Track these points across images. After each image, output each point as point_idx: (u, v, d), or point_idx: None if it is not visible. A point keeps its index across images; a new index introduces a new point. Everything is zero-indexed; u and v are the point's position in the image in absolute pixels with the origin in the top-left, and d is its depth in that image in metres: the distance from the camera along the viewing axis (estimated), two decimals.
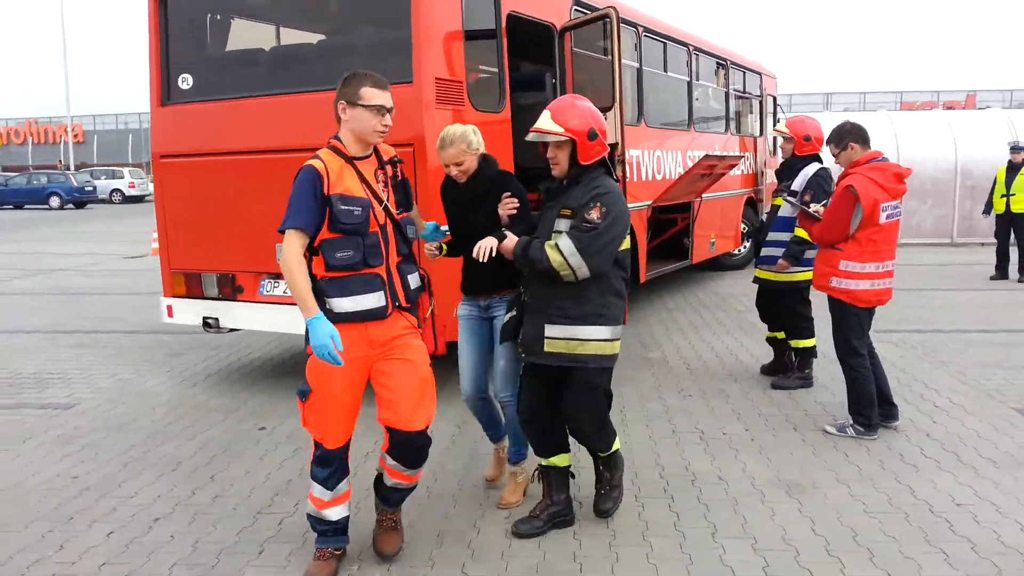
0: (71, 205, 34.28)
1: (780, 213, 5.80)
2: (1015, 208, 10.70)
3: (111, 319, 8.83)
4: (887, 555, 3.32)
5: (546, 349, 3.40)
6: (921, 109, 39.50)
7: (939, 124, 16.06)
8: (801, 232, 5.33)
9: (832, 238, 4.66)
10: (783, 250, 5.56)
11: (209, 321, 6.11)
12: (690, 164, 8.65)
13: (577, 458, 3.83)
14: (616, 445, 3.68)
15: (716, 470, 4.28)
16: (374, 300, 3.08)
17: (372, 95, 3.06)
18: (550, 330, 3.38)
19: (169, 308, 6.31)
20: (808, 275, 5.38)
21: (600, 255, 3.28)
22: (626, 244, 3.44)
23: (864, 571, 3.21)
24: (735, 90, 11.03)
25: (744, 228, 11.28)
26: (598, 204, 3.28)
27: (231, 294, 6.06)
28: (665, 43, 8.87)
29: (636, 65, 8.08)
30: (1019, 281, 10.44)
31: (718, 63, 10.50)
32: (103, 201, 36.57)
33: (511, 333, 3.56)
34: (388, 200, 3.20)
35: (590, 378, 3.45)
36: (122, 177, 38.26)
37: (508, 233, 3.40)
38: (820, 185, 5.44)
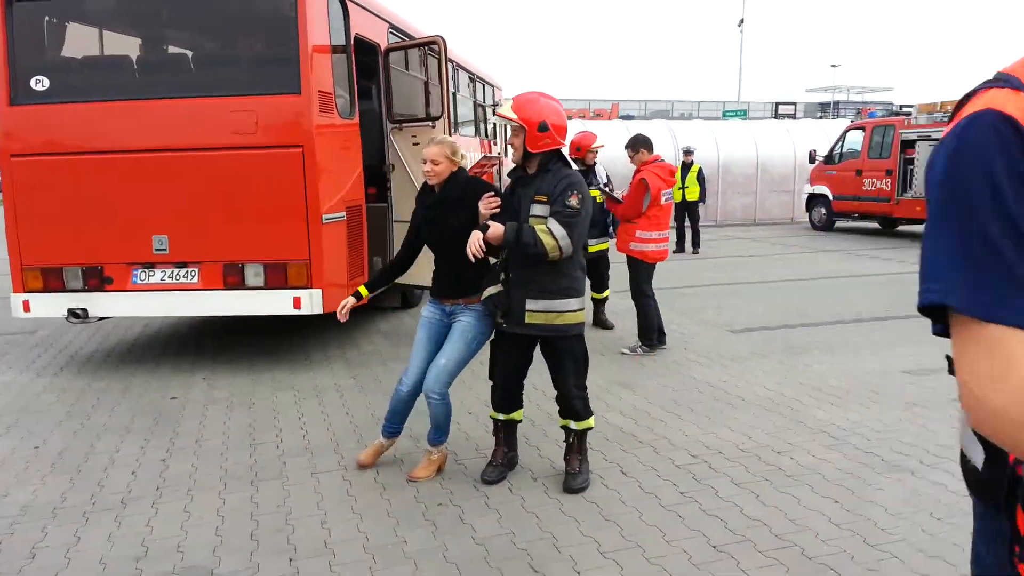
0: None
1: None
2: (689, 198, 13.97)
3: None
4: (703, 414, 5.27)
5: (527, 320, 3.82)
6: (576, 116, 45.66)
7: (704, 130, 19.86)
8: None
9: (631, 215, 6.61)
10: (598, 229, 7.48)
11: (77, 312, 6.47)
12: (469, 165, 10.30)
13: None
14: (591, 420, 4.08)
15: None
16: None
17: None
18: (531, 304, 3.80)
19: (26, 303, 6.50)
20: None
21: (581, 236, 3.80)
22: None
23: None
24: (478, 100, 12.91)
25: None
26: (575, 192, 3.73)
27: (98, 285, 6.48)
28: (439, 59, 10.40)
29: (424, 79, 9.53)
30: (694, 253, 13.85)
31: (470, 76, 12.28)
32: None
33: (493, 306, 3.93)
34: None
35: (571, 344, 3.91)
36: None
37: (490, 223, 3.74)
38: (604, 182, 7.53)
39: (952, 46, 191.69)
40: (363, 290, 4.36)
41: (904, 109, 19.00)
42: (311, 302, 6.31)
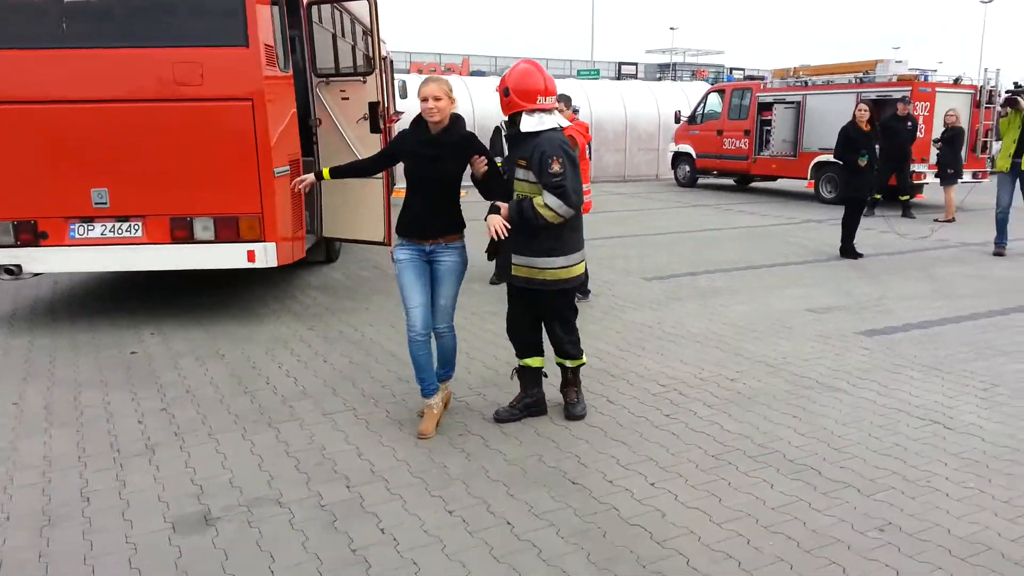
0: None
1: None
2: None
3: None
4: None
5: (513, 273, 4.23)
6: (427, 69, 45.49)
7: (611, 91, 20.31)
8: None
9: None
10: None
11: (11, 268, 6.20)
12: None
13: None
14: (583, 357, 4.50)
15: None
16: None
17: None
18: (516, 259, 4.19)
19: None
20: None
21: (576, 194, 4.01)
22: None
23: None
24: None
25: None
26: (553, 158, 3.91)
27: (32, 240, 6.23)
28: (342, 12, 10.33)
29: (333, 32, 9.48)
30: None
31: (363, 30, 12.20)
32: None
33: (489, 255, 4.69)
34: None
35: (551, 298, 4.26)
36: None
37: (499, 204, 4.06)
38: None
39: (775, 14, 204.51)
40: (326, 173, 4.44)
41: (749, 73, 20.58)
42: (265, 255, 6.37)
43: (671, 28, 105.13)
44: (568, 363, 4.46)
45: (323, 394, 4.89)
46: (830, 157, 15.00)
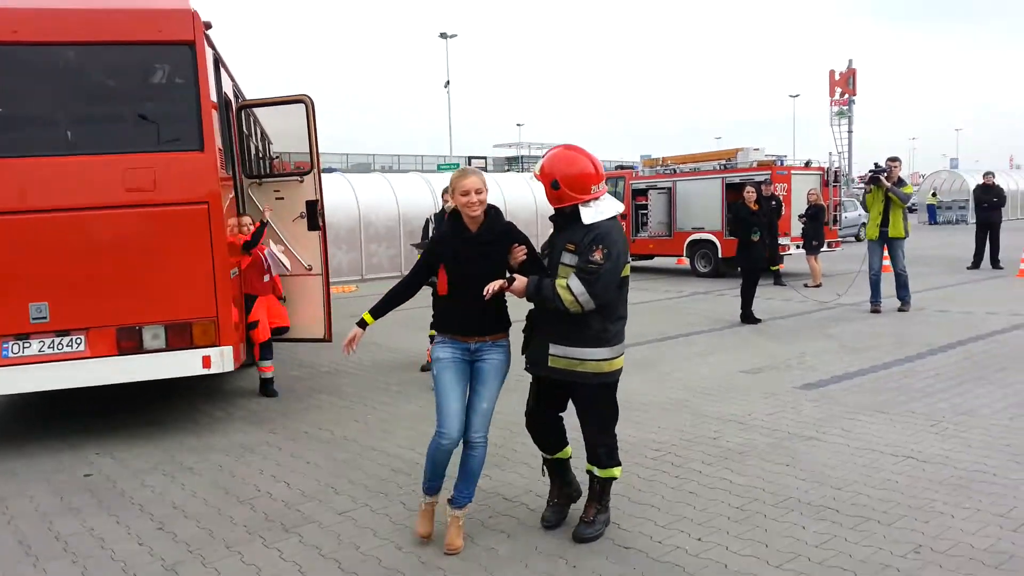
0: None
1: None
2: None
3: None
4: None
5: (550, 364, 3.81)
6: (276, 164, 45.14)
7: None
8: None
9: None
10: None
11: None
12: None
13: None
14: (617, 470, 3.96)
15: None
16: None
17: None
18: (554, 348, 3.79)
19: None
20: None
21: (606, 290, 3.67)
22: (627, 271, 3.81)
23: None
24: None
25: None
26: (600, 246, 3.63)
27: None
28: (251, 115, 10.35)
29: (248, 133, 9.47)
30: None
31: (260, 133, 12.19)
32: None
33: (523, 348, 3.99)
34: None
35: (592, 392, 3.84)
36: None
37: (516, 276, 3.73)
38: None
39: (610, 109, 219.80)
40: (368, 317, 3.91)
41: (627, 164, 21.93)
42: (222, 360, 6.16)
43: (518, 124, 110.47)
44: (597, 471, 3.94)
45: (326, 494, 4.74)
46: (702, 235, 16.37)
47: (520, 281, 3.71)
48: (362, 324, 3.89)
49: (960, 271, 15.62)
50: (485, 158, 69.17)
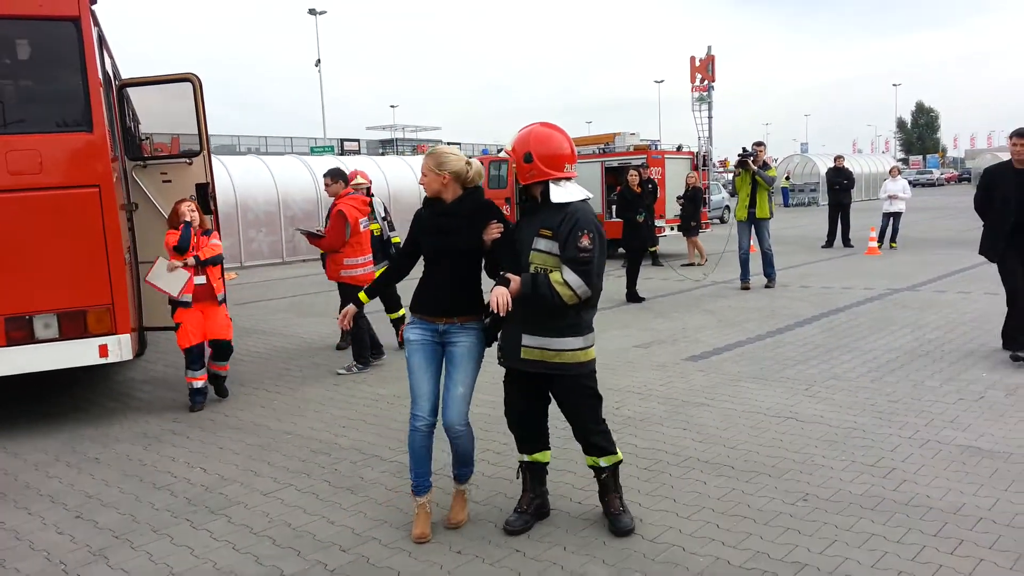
0: None
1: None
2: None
3: None
4: None
5: (523, 356, 3.65)
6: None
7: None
8: None
9: (336, 246, 7.25)
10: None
11: None
12: None
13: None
14: (619, 454, 3.87)
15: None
16: None
17: None
18: (527, 339, 3.63)
19: None
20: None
21: (599, 276, 3.61)
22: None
23: None
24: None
25: None
26: (585, 232, 3.51)
27: None
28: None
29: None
30: None
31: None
32: None
33: (491, 338, 3.80)
34: None
35: (573, 384, 3.69)
36: None
37: (509, 276, 3.54)
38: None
39: (481, 93, 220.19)
40: (363, 296, 3.98)
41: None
42: (119, 348, 6.00)
43: (391, 106, 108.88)
44: (602, 461, 3.82)
45: (246, 477, 4.77)
46: None
47: (515, 281, 3.53)
48: (358, 303, 3.98)
49: (815, 250, 16.91)
50: (358, 140, 67.92)
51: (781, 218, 27.93)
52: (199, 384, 6.32)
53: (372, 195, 8.12)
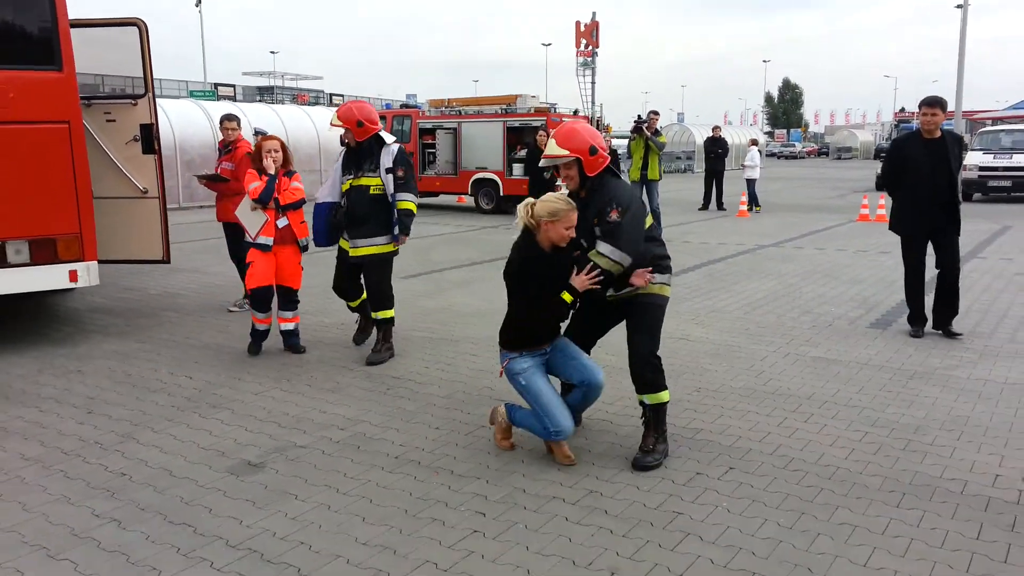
0: None
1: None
2: None
3: None
4: None
5: (608, 298, 4.09)
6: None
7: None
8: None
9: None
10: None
11: None
12: None
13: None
14: (665, 394, 4.09)
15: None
16: None
17: None
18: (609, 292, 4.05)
19: None
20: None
21: (632, 242, 3.89)
22: (650, 220, 4.14)
23: None
24: None
25: None
26: (614, 206, 3.85)
27: None
28: None
29: None
30: None
31: None
32: None
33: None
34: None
35: (648, 303, 4.05)
36: None
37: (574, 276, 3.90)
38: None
39: (371, 45, 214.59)
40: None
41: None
42: (88, 274, 6.49)
43: (272, 52, 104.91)
44: (647, 399, 4.11)
45: (233, 383, 5.48)
46: (486, 174, 17.84)
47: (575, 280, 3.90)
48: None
49: (693, 212, 18.54)
50: (234, 86, 65.65)
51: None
52: (261, 327, 6.19)
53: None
